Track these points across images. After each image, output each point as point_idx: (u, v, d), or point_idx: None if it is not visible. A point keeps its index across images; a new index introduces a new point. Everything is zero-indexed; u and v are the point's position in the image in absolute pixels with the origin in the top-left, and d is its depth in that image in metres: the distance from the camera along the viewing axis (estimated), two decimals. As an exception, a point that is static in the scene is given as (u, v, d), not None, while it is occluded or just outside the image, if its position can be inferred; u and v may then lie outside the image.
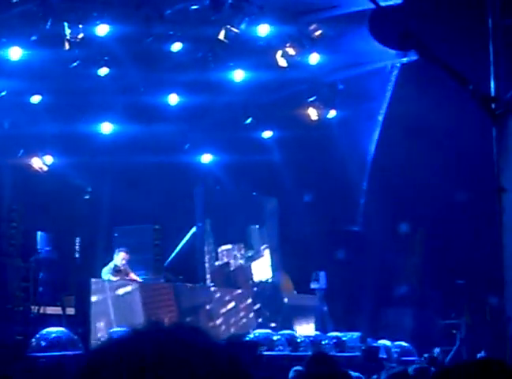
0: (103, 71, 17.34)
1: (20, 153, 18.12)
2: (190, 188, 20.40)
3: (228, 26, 16.66)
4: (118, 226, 18.80)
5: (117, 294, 15.72)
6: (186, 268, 19.24)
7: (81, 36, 15.85)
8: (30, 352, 13.78)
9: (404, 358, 17.39)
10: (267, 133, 20.99)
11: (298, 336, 17.06)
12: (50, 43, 15.91)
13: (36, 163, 18.41)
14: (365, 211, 20.87)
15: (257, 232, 21.10)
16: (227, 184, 21.09)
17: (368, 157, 20.48)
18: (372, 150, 20.35)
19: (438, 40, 12.06)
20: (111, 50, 16.88)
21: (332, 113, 20.12)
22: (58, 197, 17.84)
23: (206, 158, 21.36)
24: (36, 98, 17.52)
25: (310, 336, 17.37)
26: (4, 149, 17.31)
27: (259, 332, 16.85)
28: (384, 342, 18.09)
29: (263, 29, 17.18)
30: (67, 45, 15.84)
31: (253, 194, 21.22)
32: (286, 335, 16.94)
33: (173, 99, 19.09)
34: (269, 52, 17.83)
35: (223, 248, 20.33)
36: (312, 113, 19.98)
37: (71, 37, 15.77)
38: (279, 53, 17.81)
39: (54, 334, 14.18)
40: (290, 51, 17.78)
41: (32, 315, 15.32)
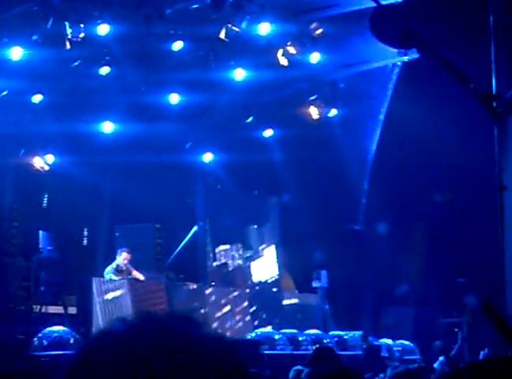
0: (104, 70, 17.34)
1: (21, 152, 18.14)
2: (192, 187, 20.40)
3: (229, 25, 16.65)
4: (119, 225, 18.82)
5: (106, 298, 15.53)
6: (188, 267, 19.25)
7: (82, 36, 15.86)
8: (32, 351, 13.79)
9: (405, 357, 17.39)
10: (268, 132, 20.98)
11: (299, 335, 17.06)
12: (51, 43, 15.91)
13: (38, 163, 18.43)
14: (366, 210, 20.87)
15: (255, 232, 21.02)
16: (228, 183, 21.09)
17: (369, 156, 20.47)
18: (373, 149, 20.35)
19: (439, 39, 12.06)
20: (112, 49, 16.88)
21: (333, 112, 20.13)
22: (60, 197, 17.85)
23: (207, 157, 21.36)
24: (38, 97, 17.52)
25: (311, 335, 17.36)
26: (5, 148, 17.31)
27: (261, 331, 16.83)
28: (385, 340, 18.08)
29: (264, 28, 17.15)
30: (68, 45, 15.85)
31: (254, 193, 21.21)
32: (287, 334, 16.93)
33: (174, 99, 19.07)
34: (270, 51, 17.83)
35: (220, 248, 20.22)
36: (313, 112, 19.98)
37: (72, 37, 15.77)
38: (280, 52, 17.80)
39: (55, 333, 14.18)
40: (291, 50, 17.77)
41: (34, 314, 15.31)
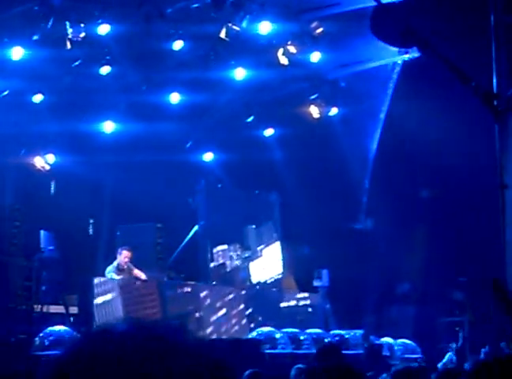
0: (104, 70, 17.34)
1: (22, 152, 18.14)
2: (192, 186, 20.40)
3: (229, 24, 16.65)
4: (120, 224, 18.81)
5: (96, 303, 15.42)
6: (189, 267, 19.24)
7: (83, 35, 15.86)
8: (33, 351, 13.79)
9: (407, 356, 17.39)
10: (269, 131, 20.97)
11: (300, 334, 17.04)
12: (51, 43, 15.91)
13: (38, 162, 18.42)
14: (367, 209, 20.86)
15: (253, 232, 20.94)
16: (228, 182, 21.08)
17: (370, 155, 20.47)
18: (374, 148, 20.35)
19: (439, 37, 12.06)
20: (113, 49, 16.88)
21: (333, 111, 20.13)
22: (61, 196, 17.85)
23: (208, 156, 21.36)
24: (38, 97, 17.51)
25: (312, 334, 17.34)
26: (6, 148, 17.30)
27: (262, 330, 16.81)
28: (387, 339, 18.07)
29: (264, 27, 17.14)
30: (69, 44, 15.85)
31: (255, 192, 21.19)
32: (289, 333, 16.91)
33: (175, 98, 19.07)
34: (271, 50, 17.82)
35: (218, 248, 20.13)
36: (314, 111, 19.99)
37: (73, 36, 15.77)
38: (280, 51, 17.80)
39: (57, 333, 14.18)
40: (291, 49, 17.77)
41: (35, 314, 15.30)
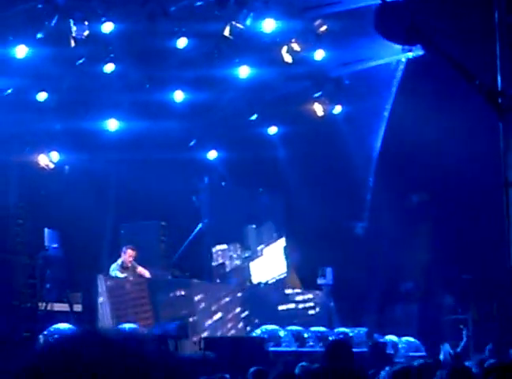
0: (108, 68, 17.34)
1: (26, 150, 18.15)
2: (196, 184, 20.40)
3: (233, 22, 16.65)
4: (124, 222, 18.82)
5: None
6: (193, 265, 19.24)
7: (87, 34, 15.87)
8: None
9: (411, 354, 17.38)
10: (272, 129, 20.97)
11: (305, 332, 17.03)
12: (55, 41, 15.92)
13: (43, 160, 18.44)
14: (371, 206, 20.85)
15: (254, 232, 20.88)
16: (232, 180, 21.07)
17: (374, 153, 20.45)
18: (378, 146, 20.33)
19: (443, 35, 12.05)
20: (117, 47, 16.88)
21: (337, 108, 20.11)
22: (65, 194, 17.86)
23: (212, 154, 21.36)
24: (42, 95, 17.52)
25: (317, 332, 17.35)
26: (10, 146, 17.32)
27: (266, 328, 16.82)
28: (391, 337, 18.07)
29: (268, 25, 17.14)
30: (73, 42, 15.86)
31: (259, 190, 21.18)
32: (293, 330, 16.91)
33: (178, 96, 19.07)
34: (275, 48, 17.81)
35: (218, 248, 20.07)
36: (318, 109, 19.97)
37: (77, 34, 15.79)
38: (284, 49, 17.79)
39: (61, 331, 14.21)
40: (295, 47, 17.77)
41: (40, 312, 15.33)
